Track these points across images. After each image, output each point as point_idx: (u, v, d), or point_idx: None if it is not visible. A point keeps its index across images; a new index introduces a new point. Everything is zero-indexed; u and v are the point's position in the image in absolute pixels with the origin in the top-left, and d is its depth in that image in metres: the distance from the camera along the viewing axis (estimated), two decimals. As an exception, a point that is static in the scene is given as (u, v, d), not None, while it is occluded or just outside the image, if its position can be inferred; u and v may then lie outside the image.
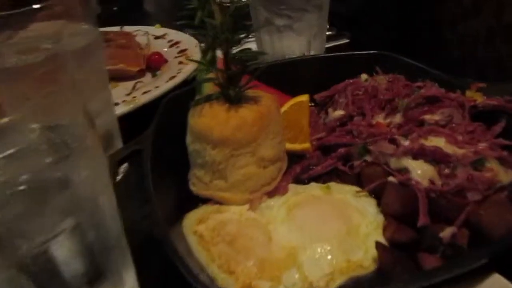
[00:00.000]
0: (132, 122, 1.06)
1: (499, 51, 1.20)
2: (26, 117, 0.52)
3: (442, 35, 1.26)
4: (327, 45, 1.39)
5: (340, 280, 0.65)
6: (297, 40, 1.08)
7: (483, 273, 0.61)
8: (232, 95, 0.80)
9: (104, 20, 1.34)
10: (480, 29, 1.24)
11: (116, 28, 1.53)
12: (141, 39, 1.46)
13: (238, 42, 0.75)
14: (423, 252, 0.66)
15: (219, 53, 0.79)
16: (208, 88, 0.87)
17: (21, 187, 0.49)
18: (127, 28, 1.53)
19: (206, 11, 0.73)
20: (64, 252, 0.51)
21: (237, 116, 0.78)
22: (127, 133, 1.00)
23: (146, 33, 1.47)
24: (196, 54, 1.29)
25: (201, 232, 0.74)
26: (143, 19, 1.95)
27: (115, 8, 2.05)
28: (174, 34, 1.47)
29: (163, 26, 1.55)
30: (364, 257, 0.68)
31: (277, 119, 0.84)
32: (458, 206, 0.68)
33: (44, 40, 0.81)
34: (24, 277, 0.51)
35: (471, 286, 0.60)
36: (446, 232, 0.66)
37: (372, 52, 1.06)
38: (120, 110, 1.05)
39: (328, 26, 1.53)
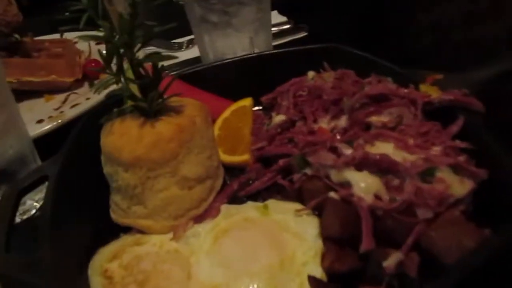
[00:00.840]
0: (60, 140, 0.95)
1: (472, 35, 1.10)
2: None
3: (409, 21, 1.15)
4: (283, 40, 1.28)
5: (267, 325, 0.55)
6: (238, 37, 0.97)
7: (432, 311, 0.50)
8: (146, 108, 0.68)
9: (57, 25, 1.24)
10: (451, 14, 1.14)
11: (57, 35, 1.40)
12: (82, 46, 1.34)
13: (142, 44, 0.64)
14: (365, 284, 0.56)
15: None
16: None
17: None
18: (70, 35, 1.41)
19: (100, 11, 0.62)
20: None
21: (151, 132, 0.67)
22: (55, 153, 0.88)
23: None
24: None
25: (112, 271, 0.63)
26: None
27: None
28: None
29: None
30: (298, 294, 0.57)
31: (204, 132, 0.73)
32: (407, 226, 0.57)
33: None
34: None
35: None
36: (391, 260, 0.55)
37: (318, 46, 0.95)
38: (43, 128, 0.93)
39: (286, 19, 1.43)
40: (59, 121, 0.96)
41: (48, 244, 0.58)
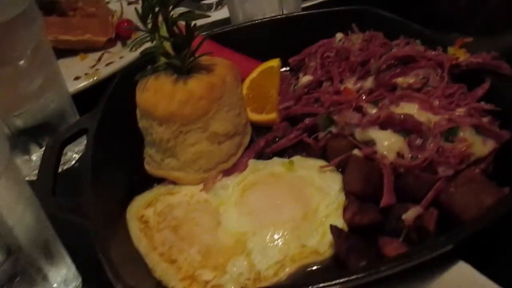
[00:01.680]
0: (96, 96, 1.00)
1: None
2: None
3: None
4: (308, 4, 1.27)
5: (291, 268, 0.59)
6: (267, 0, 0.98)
7: (447, 260, 0.53)
8: (179, 65, 0.71)
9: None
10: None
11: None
12: (115, 6, 1.37)
13: (175, 3, 0.66)
14: (385, 236, 0.59)
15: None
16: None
17: None
18: (101, -6, 1.44)
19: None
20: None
21: (184, 89, 0.70)
22: (91, 108, 0.93)
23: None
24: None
25: (147, 217, 0.68)
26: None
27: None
28: (148, -1, 1.37)
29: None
30: (320, 242, 0.61)
31: (234, 90, 0.76)
32: (427, 183, 0.60)
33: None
34: None
35: (433, 275, 0.53)
36: (410, 214, 0.58)
37: (348, 8, 0.95)
38: (80, 84, 0.98)
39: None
40: (95, 78, 1.00)
41: (90, 190, 0.63)
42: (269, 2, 0.99)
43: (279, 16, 0.98)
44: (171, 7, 0.68)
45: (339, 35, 0.89)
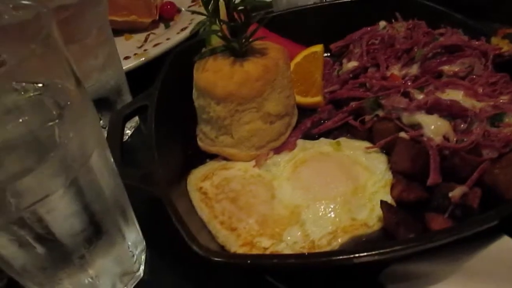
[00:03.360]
0: (144, 75, 1.05)
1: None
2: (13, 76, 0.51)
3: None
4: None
5: (342, 239, 0.64)
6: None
7: (491, 234, 0.58)
8: (236, 48, 0.76)
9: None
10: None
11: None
12: (154, -12, 1.41)
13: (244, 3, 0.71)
14: (431, 212, 0.64)
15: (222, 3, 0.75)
16: (217, 40, 0.83)
17: (15, 147, 0.49)
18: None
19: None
20: (58, 211, 0.52)
21: (241, 71, 0.75)
22: (140, 86, 0.98)
23: (160, -19, 1.42)
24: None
25: (205, 188, 0.73)
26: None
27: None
28: (189, -20, 1.41)
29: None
30: (369, 216, 0.66)
31: (285, 73, 0.80)
32: (472, 164, 0.64)
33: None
34: (24, 233, 0.52)
35: (478, 248, 0.58)
36: (456, 192, 0.62)
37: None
38: (131, 63, 1.03)
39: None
40: (144, 58, 1.05)
41: (157, 160, 0.69)
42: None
43: (322, 3, 1.02)
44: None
45: (382, 23, 0.93)
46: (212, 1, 0.74)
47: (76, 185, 0.52)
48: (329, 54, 1.02)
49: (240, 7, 0.74)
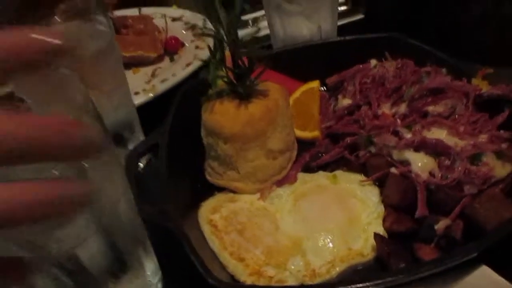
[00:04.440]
0: (150, 109, 1.13)
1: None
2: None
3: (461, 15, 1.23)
4: (341, 23, 1.37)
5: (340, 268, 0.71)
6: (308, 25, 1.09)
7: (472, 265, 0.65)
8: (241, 92, 0.84)
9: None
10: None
11: (134, 10, 1.56)
12: (158, 22, 1.49)
13: (244, 45, 0.78)
14: (419, 242, 0.71)
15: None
16: (222, 82, 0.91)
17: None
18: (145, 10, 1.56)
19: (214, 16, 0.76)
20: (91, 251, 0.59)
21: (246, 113, 0.82)
22: (146, 120, 1.06)
23: (164, 15, 1.50)
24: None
25: (215, 221, 0.81)
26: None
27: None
28: (190, 16, 1.49)
29: (179, 6, 1.58)
30: (364, 246, 0.74)
31: (285, 112, 0.88)
32: (455, 199, 0.72)
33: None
34: (63, 274, 0.59)
35: (459, 277, 0.65)
36: (441, 224, 0.70)
37: (381, 35, 1.07)
38: (141, 99, 1.10)
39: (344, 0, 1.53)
40: (152, 94, 1.13)
41: (171, 198, 0.76)
42: (308, 27, 1.10)
43: (318, 42, 1.10)
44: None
45: (373, 61, 1.01)
46: (218, 51, 0.82)
47: (106, 227, 0.59)
48: (325, 88, 1.10)
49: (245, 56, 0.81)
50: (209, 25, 0.81)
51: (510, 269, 0.63)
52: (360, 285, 0.59)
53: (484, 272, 0.65)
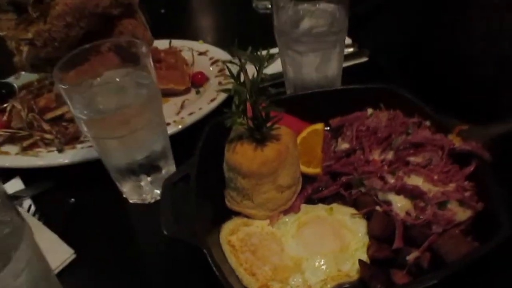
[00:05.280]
0: (178, 138, 1.32)
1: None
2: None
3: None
4: (346, 64, 1.56)
5: (331, 285, 0.90)
6: (317, 74, 1.29)
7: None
8: (257, 137, 1.03)
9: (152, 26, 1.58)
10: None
11: (164, 42, 1.76)
12: (185, 54, 1.69)
13: (263, 102, 0.98)
14: (394, 268, 0.90)
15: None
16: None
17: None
18: (175, 42, 1.76)
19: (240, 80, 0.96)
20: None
21: (262, 155, 1.01)
22: (174, 149, 1.26)
23: (191, 49, 1.70)
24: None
25: (233, 242, 1.00)
26: (186, 29, 2.18)
27: (162, 11, 2.26)
28: (215, 52, 1.68)
29: (205, 41, 1.78)
30: (351, 269, 0.93)
31: (294, 152, 1.07)
32: (425, 235, 0.91)
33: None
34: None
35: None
36: (412, 255, 0.89)
37: (378, 86, 1.25)
38: (171, 130, 1.30)
39: (351, 42, 1.71)
40: (180, 126, 1.33)
41: (198, 219, 0.96)
42: (317, 76, 1.29)
43: (324, 89, 1.29)
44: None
45: (370, 110, 1.20)
46: (242, 104, 1.01)
47: None
48: (328, 128, 1.29)
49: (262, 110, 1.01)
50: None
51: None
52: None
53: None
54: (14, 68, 1.63)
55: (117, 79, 1.02)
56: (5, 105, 1.53)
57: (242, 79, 0.97)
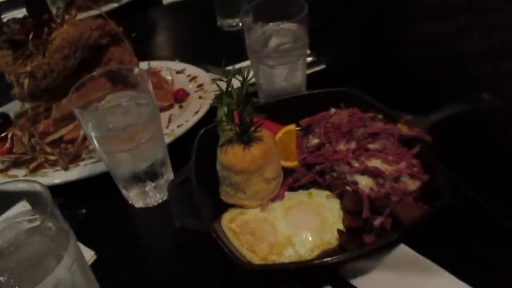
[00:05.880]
0: (171, 147, 1.51)
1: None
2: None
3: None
4: (308, 72, 1.79)
5: (316, 252, 1.12)
6: (286, 84, 1.52)
7: (395, 244, 1.09)
8: (245, 140, 1.24)
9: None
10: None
11: (143, 64, 1.94)
12: (164, 74, 1.88)
13: (248, 111, 1.19)
14: (365, 233, 1.13)
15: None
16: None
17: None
18: (153, 64, 1.95)
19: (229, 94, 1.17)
20: None
21: (250, 154, 1.22)
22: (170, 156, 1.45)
23: (169, 69, 1.89)
24: (210, 89, 1.72)
25: (233, 228, 1.20)
26: (159, 50, 2.37)
27: (133, 35, 2.43)
28: (191, 69, 1.87)
29: (181, 60, 1.97)
30: (332, 238, 1.15)
31: (275, 150, 1.29)
32: (386, 204, 1.15)
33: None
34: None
35: (389, 252, 1.08)
36: (378, 221, 1.12)
37: (339, 89, 1.48)
38: (167, 141, 1.49)
39: (309, 52, 1.96)
40: (172, 137, 1.52)
41: (201, 212, 1.16)
42: (286, 85, 1.53)
43: (293, 95, 1.52)
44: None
45: (333, 110, 1.44)
46: (230, 114, 1.22)
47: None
48: (299, 128, 1.52)
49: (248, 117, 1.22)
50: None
51: (417, 247, 1.06)
52: (329, 258, 1.01)
53: (403, 248, 1.08)
54: (7, 99, 1.78)
55: (124, 103, 1.20)
56: (4, 134, 1.66)
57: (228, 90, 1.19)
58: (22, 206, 1.03)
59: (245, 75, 1.18)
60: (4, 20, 1.49)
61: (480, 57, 1.42)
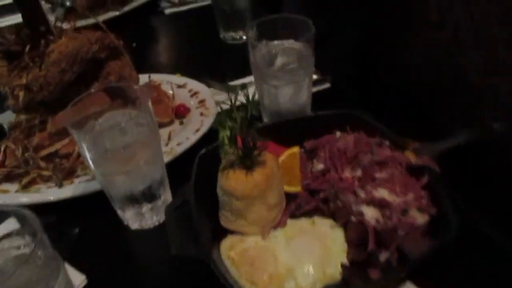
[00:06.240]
0: (169, 167, 1.47)
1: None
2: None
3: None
4: (315, 90, 1.75)
5: (319, 286, 1.08)
6: (291, 105, 1.48)
7: (401, 281, 1.04)
8: (247, 164, 1.20)
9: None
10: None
11: (144, 76, 1.89)
12: (164, 87, 1.84)
13: (252, 135, 1.15)
14: (370, 267, 1.09)
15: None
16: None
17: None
18: (153, 77, 1.90)
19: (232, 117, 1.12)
20: None
21: (252, 179, 1.18)
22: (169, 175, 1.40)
23: (170, 83, 1.85)
24: (212, 105, 1.67)
25: (232, 256, 1.15)
26: (159, 62, 2.32)
27: (134, 45, 2.39)
28: (192, 84, 1.82)
29: (180, 74, 1.93)
30: (335, 271, 1.10)
31: (277, 174, 1.24)
32: (392, 238, 1.10)
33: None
34: None
35: (396, 289, 1.04)
36: (383, 256, 1.08)
37: (344, 112, 1.45)
38: (166, 160, 1.44)
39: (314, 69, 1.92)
40: (171, 156, 1.47)
41: (200, 238, 1.11)
42: (291, 106, 1.48)
43: (297, 117, 1.48)
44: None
45: (338, 133, 1.40)
46: (233, 138, 1.18)
47: None
48: (303, 150, 1.47)
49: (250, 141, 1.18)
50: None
51: (423, 281, 1.02)
52: (333, 297, 0.96)
53: (409, 286, 1.03)
54: (1, 108, 1.73)
55: (122, 124, 1.15)
56: (-3, 146, 1.60)
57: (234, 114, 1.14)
58: (11, 223, 0.99)
59: (250, 98, 1.13)
60: (-1, 28, 1.44)
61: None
